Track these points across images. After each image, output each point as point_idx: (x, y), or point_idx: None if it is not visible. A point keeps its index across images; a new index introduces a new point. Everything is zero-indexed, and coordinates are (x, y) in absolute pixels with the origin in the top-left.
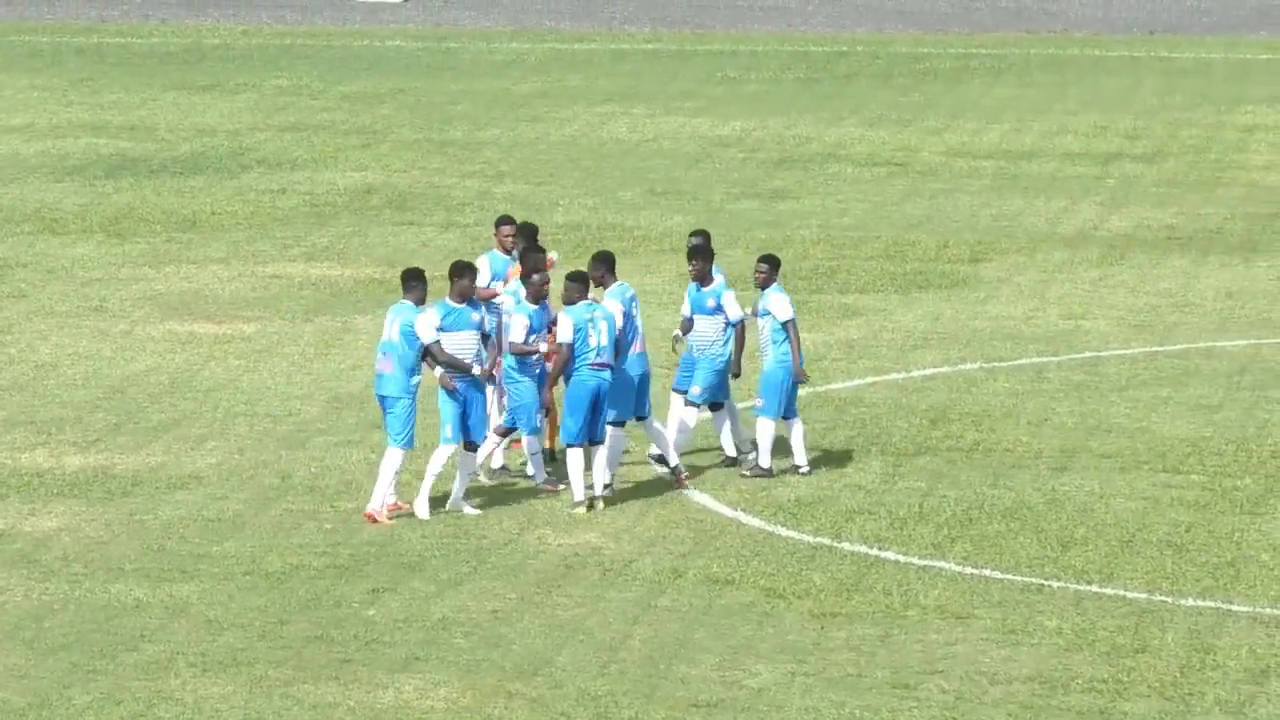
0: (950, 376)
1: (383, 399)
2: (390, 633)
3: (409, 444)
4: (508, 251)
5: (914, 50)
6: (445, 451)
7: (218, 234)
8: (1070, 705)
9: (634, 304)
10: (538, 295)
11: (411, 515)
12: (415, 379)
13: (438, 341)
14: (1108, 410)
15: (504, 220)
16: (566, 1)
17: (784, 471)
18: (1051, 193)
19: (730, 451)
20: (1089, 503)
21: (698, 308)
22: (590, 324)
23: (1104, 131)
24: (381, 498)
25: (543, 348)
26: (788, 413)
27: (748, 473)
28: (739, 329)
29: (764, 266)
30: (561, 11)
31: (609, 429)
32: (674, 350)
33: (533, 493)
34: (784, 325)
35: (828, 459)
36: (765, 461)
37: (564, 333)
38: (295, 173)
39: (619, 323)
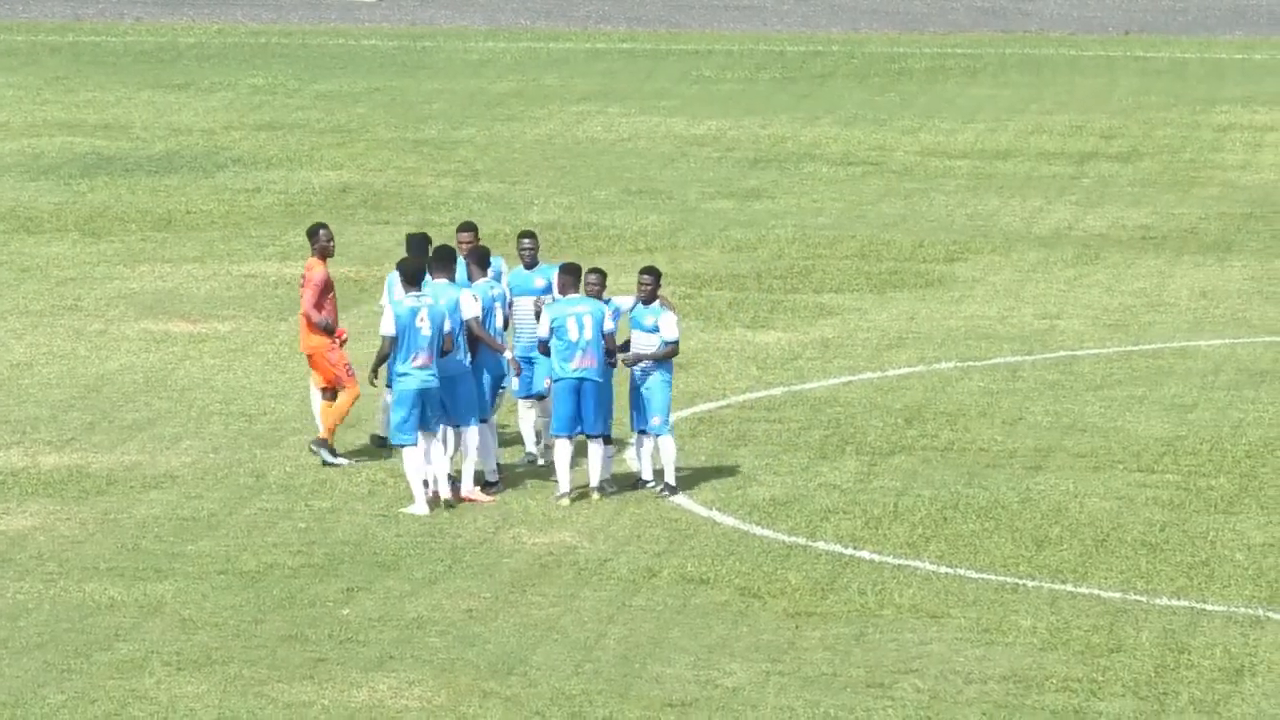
0: (925, 376)
1: (442, 381)
2: (365, 632)
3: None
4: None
5: (889, 50)
6: (414, 454)
7: (193, 233)
8: (1045, 704)
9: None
10: None
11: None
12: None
13: (477, 318)
14: (1082, 410)
15: (464, 227)
16: (542, 1)
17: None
18: (1027, 192)
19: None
20: (1063, 502)
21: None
22: (574, 319)
23: (1079, 131)
24: (471, 479)
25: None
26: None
27: (665, 494)
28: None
29: (648, 279)
30: (537, 10)
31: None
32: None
33: (510, 492)
34: (670, 344)
35: (802, 458)
36: (672, 479)
37: (541, 328)
38: (270, 172)
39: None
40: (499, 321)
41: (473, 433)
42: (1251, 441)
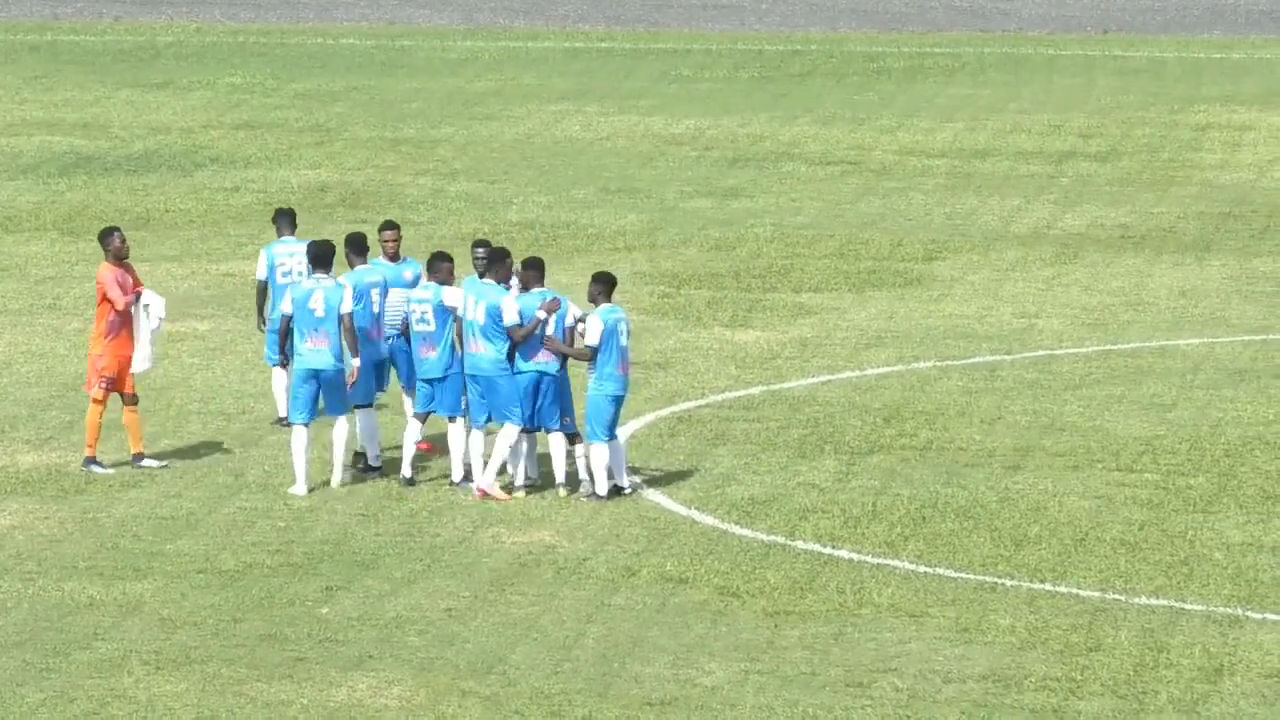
0: (904, 375)
1: (473, 378)
2: (344, 631)
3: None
4: (391, 257)
5: (868, 49)
6: (300, 434)
7: (171, 232)
8: (1024, 703)
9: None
10: None
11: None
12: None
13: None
14: (1061, 409)
15: (387, 225)
16: (520, 0)
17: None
18: (1005, 191)
19: (533, 475)
20: (1042, 501)
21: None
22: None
23: (1058, 130)
24: (494, 473)
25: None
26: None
27: (585, 499)
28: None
29: (531, 271)
30: (515, 10)
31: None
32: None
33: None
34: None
35: (781, 457)
36: (602, 489)
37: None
38: (249, 170)
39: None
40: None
41: (509, 431)
42: (1230, 440)
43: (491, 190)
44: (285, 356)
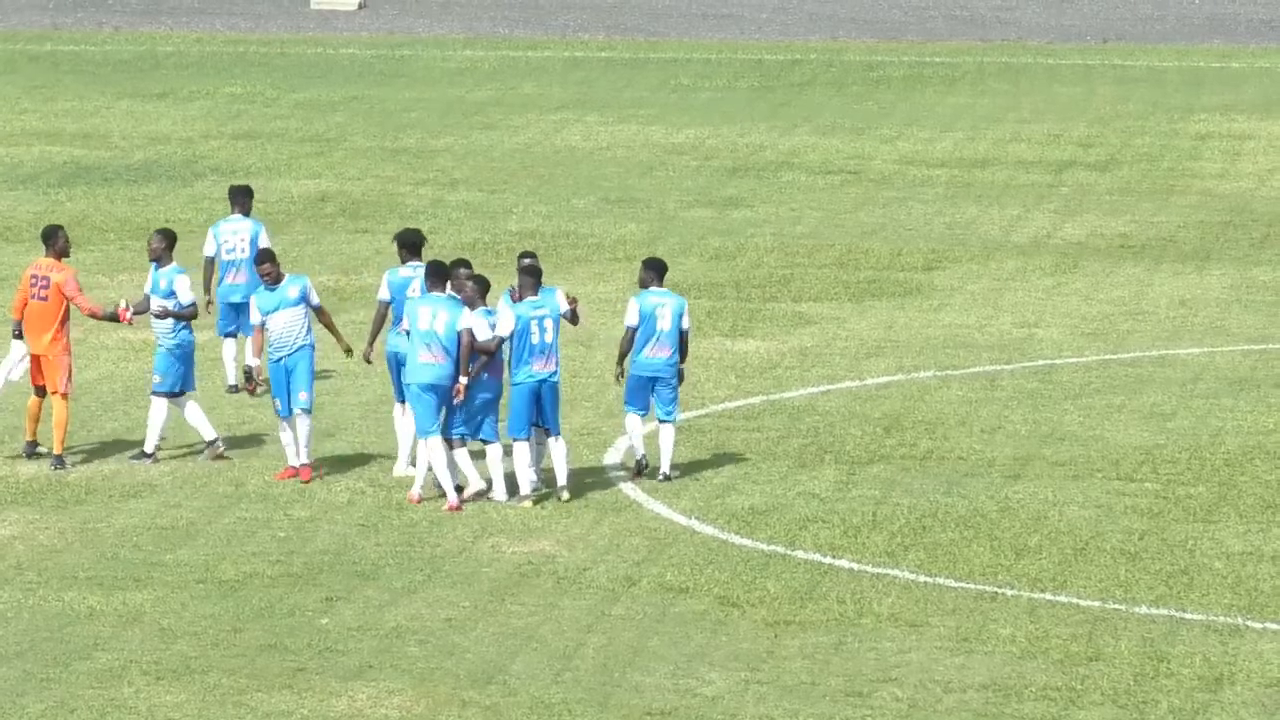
0: (904, 384)
1: (433, 388)
2: (344, 641)
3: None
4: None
5: (868, 58)
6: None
7: None
8: (1024, 713)
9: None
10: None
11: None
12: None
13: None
14: (1061, 418)
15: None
16: (520, 9)
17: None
18: (1005, 201)
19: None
20: (1042, 510)
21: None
22: (536, 322)
23: (1057, 140)
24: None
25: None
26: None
27: (514, 503)
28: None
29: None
30: (515, 19)
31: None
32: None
33: (487, 501)
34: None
35: (781, 467)
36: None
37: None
38: (249, 180)
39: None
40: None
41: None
42: (1230, 450)
43: (491, 200)
44: (236, 328)
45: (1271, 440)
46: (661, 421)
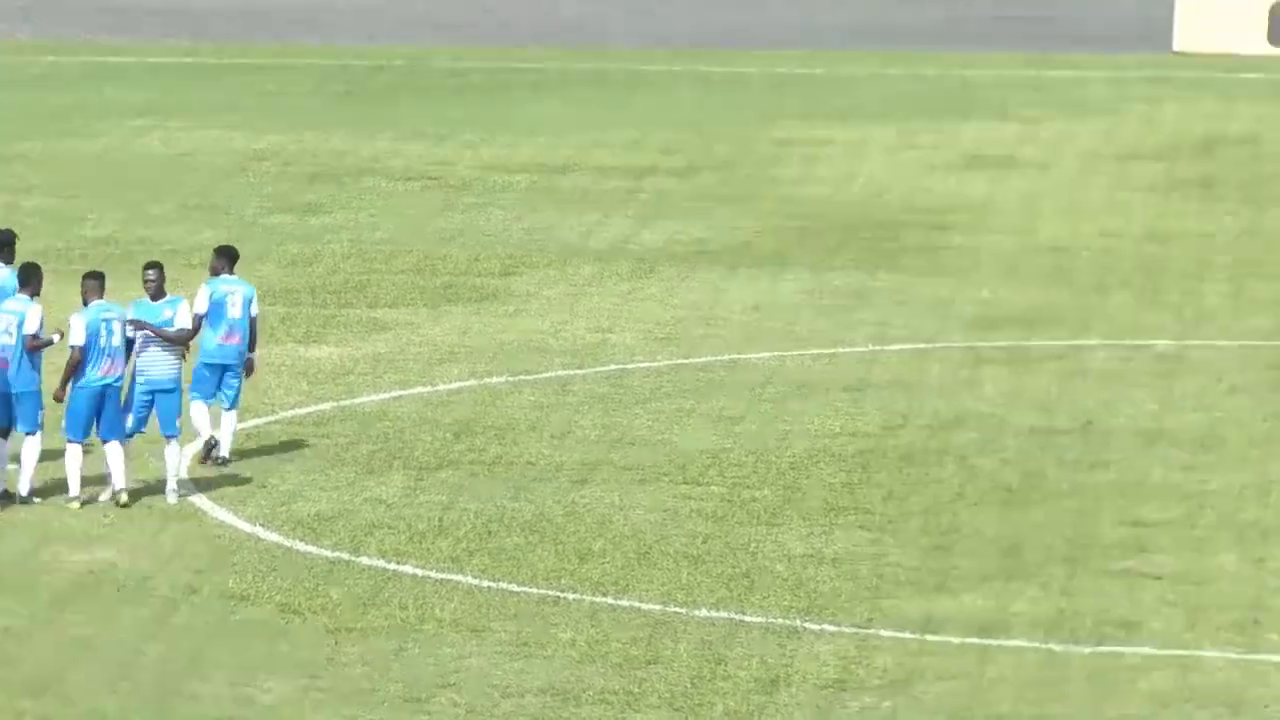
0: (476, 390)
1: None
2: None
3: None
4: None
5: (454, 65)
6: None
7: None
8: (582, 716)
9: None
10: None
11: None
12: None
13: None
14: (631, 423)
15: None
16: (102, 14)
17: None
18: (584, 207)
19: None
20: (608, 514)
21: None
22: (104, 325)
23: (638, 146)
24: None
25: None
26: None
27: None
28: None
29: (152, 274)
30: (98, 24)
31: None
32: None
33: (49, 508)
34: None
35: (349, 473)
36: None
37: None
38: None
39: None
40: None
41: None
42: (796, 453)
43: (67, 206)
44: None
45: (837, 443)
46: (226, 410)
